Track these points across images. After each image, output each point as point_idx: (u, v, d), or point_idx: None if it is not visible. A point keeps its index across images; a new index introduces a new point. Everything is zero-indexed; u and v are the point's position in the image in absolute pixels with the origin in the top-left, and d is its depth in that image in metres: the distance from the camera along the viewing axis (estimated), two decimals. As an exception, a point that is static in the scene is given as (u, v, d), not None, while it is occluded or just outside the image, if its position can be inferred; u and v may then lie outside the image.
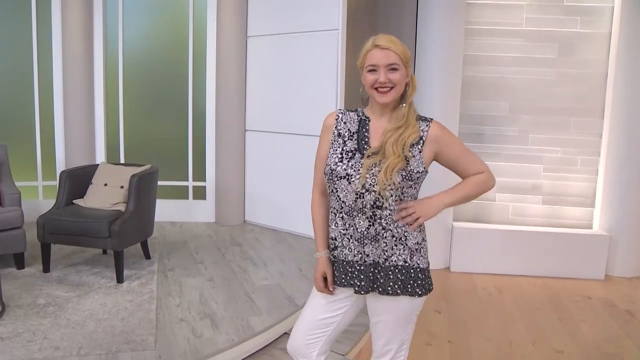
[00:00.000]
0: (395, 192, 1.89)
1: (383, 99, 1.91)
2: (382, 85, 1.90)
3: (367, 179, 1.89)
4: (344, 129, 2.02)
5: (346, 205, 1.94)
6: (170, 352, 2.86)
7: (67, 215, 3.92)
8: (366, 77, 1.93)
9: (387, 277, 1.93)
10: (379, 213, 1.91)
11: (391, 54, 1.88)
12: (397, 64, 1.89)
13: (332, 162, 1.97)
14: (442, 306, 4.24)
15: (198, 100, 5.63)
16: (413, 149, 1.91)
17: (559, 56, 5.23)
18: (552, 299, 4.56)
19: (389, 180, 1.86)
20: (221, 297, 3.64)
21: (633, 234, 5.13)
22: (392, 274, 1.93)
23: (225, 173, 5.56)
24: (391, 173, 1.86)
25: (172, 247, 4.76)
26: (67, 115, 5.39)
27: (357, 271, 1.96)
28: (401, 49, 1.90)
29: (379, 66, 1.89)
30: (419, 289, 1.94)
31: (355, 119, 2.03)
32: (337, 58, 4.79)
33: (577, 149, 5.30)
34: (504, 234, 5.16)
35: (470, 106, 5.31)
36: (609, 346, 3.72)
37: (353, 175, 1.91)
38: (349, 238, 1.96)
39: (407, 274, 1.93)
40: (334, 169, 1.95)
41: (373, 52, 1.91)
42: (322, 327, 2.08)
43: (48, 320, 3.21)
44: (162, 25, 5.67)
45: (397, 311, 1.98)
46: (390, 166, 1.86)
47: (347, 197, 1.92)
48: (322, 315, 2.07)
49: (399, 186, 1.88)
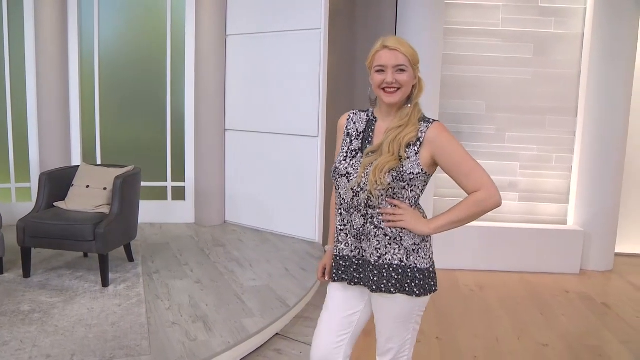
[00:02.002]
0: (386, 192, 1.91)
1: (390, 99, 1.93)
2: (389, 86, 1.92)
3: (362, 177, 1.93)
4: (352, 129, 2.06)
5: (345, 202, 1.99)
6: (167, 356, 2.82)
7: (49, 219, 3.82)
8: (374, 78, 1.95)
9: (381, 275, 1.95)
10: (370, 212, 1.95)
11: (399, 55, 1.90)
12: (405, 65, 1.91)
13: (337, 160, 2.03)
14: (428, 305, 4.29)
15: (176, 100, 5.55)
16: (409, 150, 1.91)
17: (534, 56, 5.35)
18: (532, 294, 4.66)
19: (379, 180, 1.88)
20: (211, 299, 3.61)
21: (606, 229, 5.30)
22: (386, 272, 1.95)
23: (204, 173, 5.50)
24: (380, 173, 1.88)
25: (155, 249, 4.69)
26: (42, 115, 5.24)
27: (355, 265, 2.02)
28: (410, 50, 1.92)
29: (387, 67, 1.91)
30: (417, 288, 1.94)
31: (364, 119, 2.06)
32: (320, 57, 4.79)
33: (552, 147, 5.44)
34: (482, 231, 5.25)
35: (449, 105, 5.38)
36: (590, 339, 3.83)
37: (352, 174, 1.96)
38: (347, 234, 2.03)
39: (404, 274, 1.94)
40: (337, 167, 2.01)
41: (381, 53, 1.93)
42: (345, 326, 2.10)
43: (35, 328, 3.12)
44: (139, 23, 5.56)
45: (395, 309, 1.99)
46: (380, 166, 1.89)
47: (346, 195, 1.98)
48: (343, 314, 2.10)
49: (390, 187, 1.89)
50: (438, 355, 3.49)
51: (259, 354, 3.22)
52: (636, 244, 5.78)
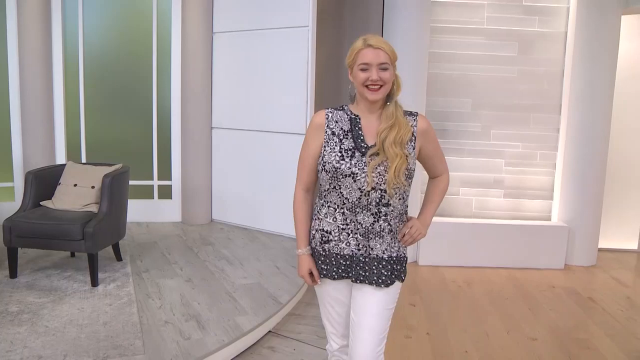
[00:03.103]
0: (400, 189, 2.00)
1: (374, 96, 1.98)
2: (373, 83, 1.96)
3: (374, 178, 1.95)
4: (336, 128, 2.05)
5: (349, 201, 2.00)
6: (161, 355, 2.80)
7: (36, 218, 3.77)
8: (358, 75, 1.98)
9: (393, 269, 2.06)
10: (384, 210, 2.00)
11: (382, 54, 1.96)
12: (388, 63, 1.97)
13: (333, 160, 2.01)
14: (416, 300, 4.32)
15: (162, 97, 5.51)
16: (408, 146, 2.00)
17: (519, 54, 5.40)
18: (519, 289, 4.72)
19: (399, 181, 1.96)
20: (203, 298, 3.59)
21: (589, 225, 5.38)
22: (397, 265, 2.08)
23: (191, 171, 5.47)
24: (399, 174, 1.95)
25: (143, 248, 4.65)
26: (25, 113, 5.15)
27: (362, 263, 2.04)
28: (391, 49, 1.99)
29: (371, 65, 1.95)
30: (403, 274, 2.12)
31: (346, 118, 2.07)
32: (307, 55, 4.79)
33: (537, 144, 5.50)
34: (468, 227, 5.30)
35: (435, 103, 5.42)
36: (578, 332, 3.89)
37: (358, 174, 1.97)
38: (349, 233, 2.03)
39: (399, 263, 2.09)
40: (337, 167, 1.99)
41: (365, 51, 1.96)
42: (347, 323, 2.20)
43: (24, 328, 3.08)
44: (124, 20, 5.51)
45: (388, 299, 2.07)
46: (398, 168, 1.95)
47: (350, 195, 1.99)
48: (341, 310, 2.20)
49: (404, 184, 1.99)
50: (429, 350, 3.51)
51: (253, 351, 3.22)
52: (619, 239, 5.88)
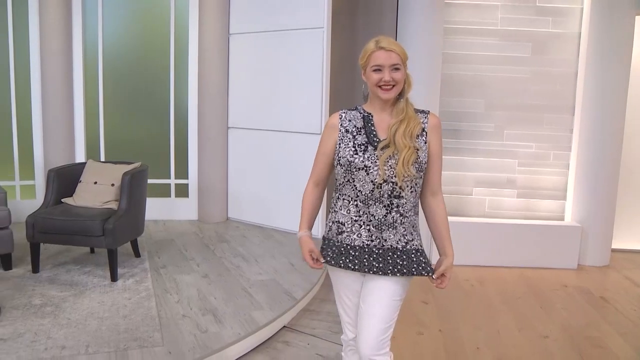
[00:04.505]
0: (410, 182, 2.07)
1: (386, 95, 2.07)
2: (386, 83, 2.05)
3: (386, 170, 2.04)
4: (350, 126, 2.16)
5: (362, 194, 2.08)
6: (179, 347, 2.89)
7: (58, 215, 3.88)
8: (371, 76, 2.07)
9: (410, 259, 2.11)
10: (396, 202, 2.08)
11: (394, 55, 2.04)
12: (399, 64, 2.06)
13: (347, 154, 2.10)
14: (428, 298, 4.36)
15: (180, 98, 5.62)
16: (419, 140, 2.08)
17: (532, 55, 5.43)
18: (532, 288, 4.75)
19: (407, 172, 2.03)
20: (219, 293, 3.68)
21: (602, 225, 5.39)
22: (414, 256, 2.11)
23: (207, 170, 5.57)
24: (407, 165, 2.03)
25: (160, 245, 4.75)
26: (46, 113, 5.29)
27: (375, 254, 2.10)
28: (402, 50, 2.08)
29: (384, 66, 2.04)
30: (426, 267, 2.13)
31: (359, 116, 2.17)
32: (322, 56, 4.87)
33: (550, 144, 5.52)
34: (481, 227, 5.34)
35: (448, 103, 5.46)
36: (590, 330, 3.92)
37: (371, 167, 2.06)
38: (361, 224, 2.11)
39: (423, 256, 2.14)
40: (352, 161, 2.09)
41: (378, 53, 2.05)
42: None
43: (48, 320, 3.18)
44: (142, 22, 5.63)
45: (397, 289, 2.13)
46: (406, 158, 2.03)
47: (363, 187, 2.08)
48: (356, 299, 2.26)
49: (415, 177, 2.07)
50: (441, 346, 3.56)
51: (268, 345, 3.29)
52: (632, 240, 5.88)
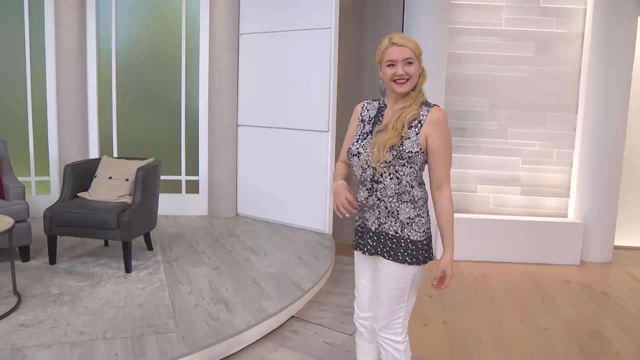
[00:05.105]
0: (388, 169, 2.15)
1: (401, 89, 2.16)
2: (400, 78, 2.15)
3: (370, 155, 2.17)
4: (366, 115, 2.32)
5: (357, 178, 2.25)
6: (192, 334, 3.01)
7: (74, 208, 4.02)
8: (385, 71, 2.18)
9: (379, 241, 2.22)
10: (375, 186, 2.19)
11: (406, 50, 2.14)
12: (412, 58, 2.14)
13: (352, 142, 2.28)
14: (433, 291, 4.47)
15: (190, 96, 5.75)
16: (411, 131, 2.14)
17: (536, 54, 5.53)
18: (534, 283, 4.85)
19: (382, 157, 2.12)
20: (230, 284, 3.80)
21: (605, 222, 5.48)
22: (383, 239, 2.21)
23: (217, 167, 5.70)
24: (383, 150, 2.12)
25: (172, 239, 4.88)
26: (60, 111, 5.44)
27: (360, 233, 2.29)
28: (415, 44, 2.16)
29: (397, 61, 2.14)
30: (409, 257, 2.17)
31: (376, 107, 2.32)
32: (330, 55, 4.98)
33: (553, 143, 5.62)
34: (485, 224, 5.44)
35: (453, 102, 5.57)
36: (591, 324, 4.02)
37: (362, 153, 2.20)
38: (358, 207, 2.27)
39: (398, 243, 2.18)
40: (351, 148, 2.26)
41: (391, 49, 2.15)
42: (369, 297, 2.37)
43: (66, 308, 3.31)
44: (155, 23, 5.77)
45: (388, 276, 2.21)
46: (382, 143, 2.13)
47: (357, 171, 2.23)
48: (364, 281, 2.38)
49: (391, 164, 2.13)
50: (445, 337, 3.68)
51: (277, 334, 3.41)
52: (635, 237, 5.97)
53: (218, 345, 2.98)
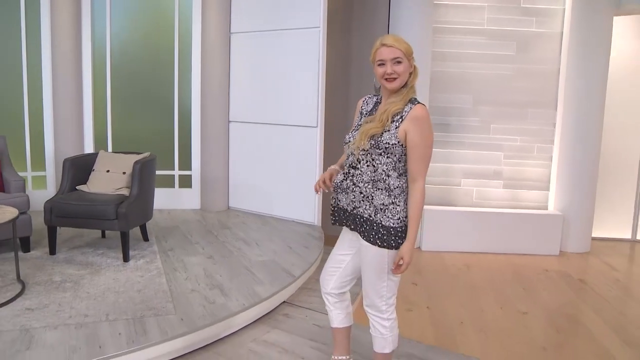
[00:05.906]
0: (366, 157, 2.35)
1: (390, 85, 2.36)
2: (389, 76, 2.34)
3: (355, 144, 2.38)
4: (364, 109, 2.55)
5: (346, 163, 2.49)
6: (190, 316, 3.19)
7: (74, 200, 4.17)
8: (377, 70, 2.39)
9: (355, 221, 2.44)
10: (352, 171, 2.41)
11: (395, 50, 2.33)
12: (401, 58, 2.33)
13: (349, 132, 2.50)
14: (417, 279, 4.68)
15: (183, 94, 5.91)
16: (392, 124, 2.32)
17: (517, 53, 5.76)
18: (515, 272, 5.07)
19: (362, 144, 2.33)
20: (224, 271, 3.98)
21: (583, 214, 5.72)
22: (359, 221, 2.41)
23: (210, 162, 5.86)
24: (364, 138, 2.33)
25: (166, 231, 5.05)
26: (56, 109, 5.57)
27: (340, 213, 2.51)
28: (404, 45, 2.35)
29: (386, 60, 2.34)
30: (380, 241, 2.34)
31: (374, 101, 2.54)
32: (319, 54, 5.16)
33: (534, 138, 5.85)
34: (469, 216, 5.66)
35: (438, 99, 5.78)
36: (567, 308, 4.24)
37: (350, 142, 2.43)
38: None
39: (370, 226, 2.36)
40: (345, 138, 2.48)
41: (381, 50, 2.36)
42: (337, 263, 2.62)
43: (69, 294, 3.47)
44: (148, 22, 5.92)
45: (368, 257, 2.42)
46: (365, 131, 2.35)
47: (347, 159, 2.46)
48: (338, 252, 2.63)
49: (369, 152, 2.33)
50: (428, 321, 3.88)
51: (270, 317, 3.60)
52: (613, 228, 6.22)
53: (215, 326, 3.16)
